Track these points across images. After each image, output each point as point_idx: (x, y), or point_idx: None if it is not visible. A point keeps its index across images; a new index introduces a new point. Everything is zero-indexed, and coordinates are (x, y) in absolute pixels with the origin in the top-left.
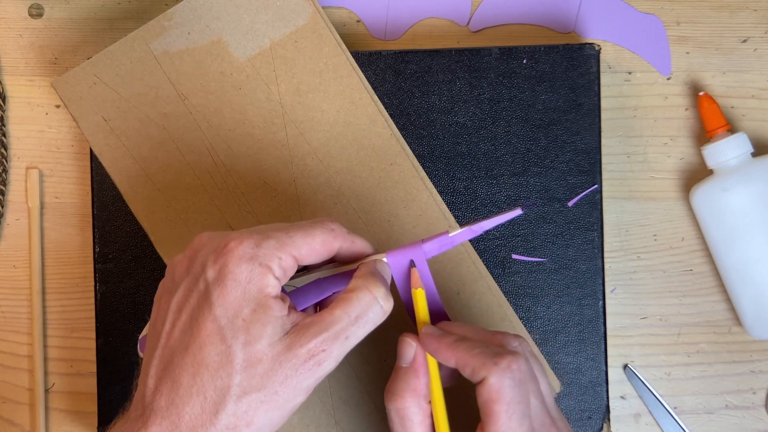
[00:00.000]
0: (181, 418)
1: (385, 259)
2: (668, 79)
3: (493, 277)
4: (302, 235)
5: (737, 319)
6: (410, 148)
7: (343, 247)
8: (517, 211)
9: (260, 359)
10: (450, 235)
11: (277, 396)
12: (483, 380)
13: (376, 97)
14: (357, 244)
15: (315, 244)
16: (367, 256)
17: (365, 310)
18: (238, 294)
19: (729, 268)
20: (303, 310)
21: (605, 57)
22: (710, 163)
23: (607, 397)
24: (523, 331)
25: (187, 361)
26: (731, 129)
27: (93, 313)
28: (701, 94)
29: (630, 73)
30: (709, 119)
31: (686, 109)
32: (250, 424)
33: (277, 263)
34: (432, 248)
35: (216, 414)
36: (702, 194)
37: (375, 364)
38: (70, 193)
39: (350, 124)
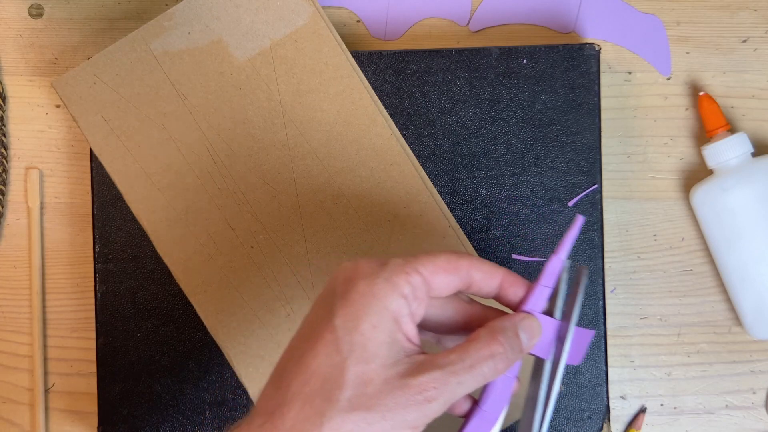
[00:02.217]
0: (284, 422)
1: (536, 318)
2: (668, 79)
3: None
4: (425, 254)
5: (737, 319)
6: (410, 148)
7: (473, 268)
8: (580, 219)
9: (372, 379)
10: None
11: (384, 422)
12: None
13: (376, 97)
14: (486, 264)
15: (439, 261)
16: (502, 279)
17: (479, 362)
18: (360, 308)
19: (729, 268)
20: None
21: (605, 57)
22: (710, 163)
23: (607, 397)
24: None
25: (301, 369)
26: (731, 129)
27: (93, 313)
28: (701, 94)
29: (630, 73)
30: (709, 119)
31: (686, 109)
32: None
33: (404, 279)
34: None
35: (321, 425)
36: (702, 194)
37: None
38: (70, 193)
39: (350, 124)
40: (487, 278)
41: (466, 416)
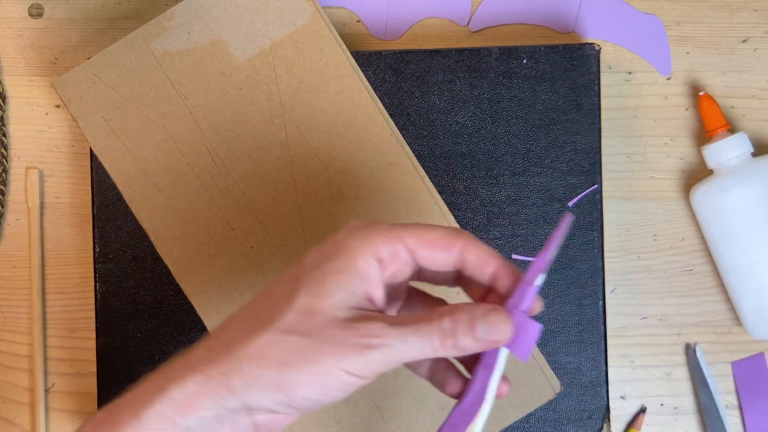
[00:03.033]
0: (227, 334)
1: (507, 316)
2: (668, 79)
3: None
4: (421, 225)
5: (737, 319)
6: (410, 148)
7: (467, 250)
8: (569, 217)
9: (318, 312)
10: (536, 284)
11: (318, 354)
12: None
13: (376, 97)
14: (484, 250)
15: (432, 235)
16: (496, 269)
17: (425, 330)
18: (330, 250)
19: (729, 268)
20: None
21: (605, 57)
22: (710, 163)
23: (607, 397)
24: None
25: (262, 293)
26: (731, 129)
27: (93, 313)
28: (701, 94)
29: (630, 73)
30: (709, 119)
31: (686, 109)
32: (282, 364)
33: (383, 242)
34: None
35: (255, 338)
36: (702, 194)
37: None
38: (70, 193)
39: (350, 124)
40: (481, 264)
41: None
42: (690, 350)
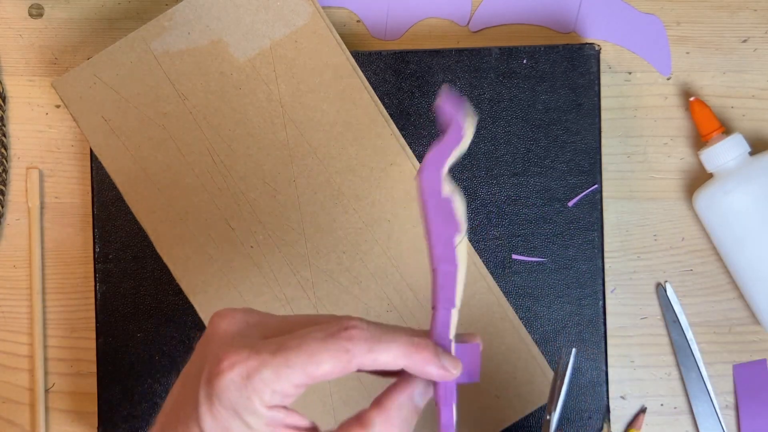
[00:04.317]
0: None
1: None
2: (668, 79)
3: (493, 277)
4: (305, 361)
5: (737, 319)
6: (410, 148)
7: (364, 365)
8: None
9: None
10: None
11: None
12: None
13: (376, 97)
14: (380, 360)
15: (320, 372)
16: (405, 364)
17: None
18: (223, 417)
19: (742, 268)
20: None
21: (605, 57)
22: (709, 167)
23: (607, 397)
24: (522, 331)
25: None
26: (726, 130)
27: (93, 313)
28: (692, 99)
29: (630, 73)
30: (702, 124)
31: (686, 109)
32: None
33: (269, 394)
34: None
35: None
36: (705, 199)
37: None
38: (70, 193)
39: (350, 124)
40: (390, 364)
41: None
42: (660, 288)
